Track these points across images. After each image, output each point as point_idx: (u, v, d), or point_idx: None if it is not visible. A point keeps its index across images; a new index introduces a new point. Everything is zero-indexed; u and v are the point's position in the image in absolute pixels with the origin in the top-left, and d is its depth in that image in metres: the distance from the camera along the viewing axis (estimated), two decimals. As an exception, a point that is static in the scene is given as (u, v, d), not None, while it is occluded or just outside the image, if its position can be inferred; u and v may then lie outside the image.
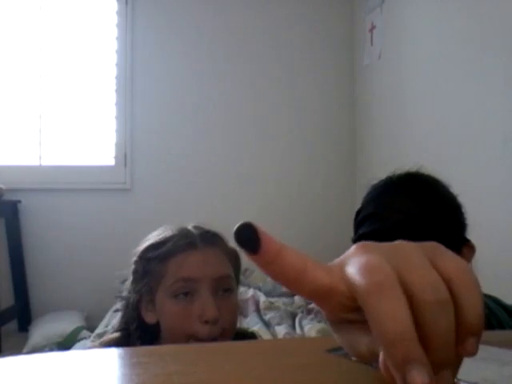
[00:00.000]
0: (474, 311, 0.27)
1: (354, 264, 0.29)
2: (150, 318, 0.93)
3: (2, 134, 2.94)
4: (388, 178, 0.97)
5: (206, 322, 0.87)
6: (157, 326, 0.93)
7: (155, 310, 0.92)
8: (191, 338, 0.88)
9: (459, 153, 2.19)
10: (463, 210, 0.93)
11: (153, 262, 0.93)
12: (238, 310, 0.95)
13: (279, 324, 2.35)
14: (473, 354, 0.28)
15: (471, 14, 2.16)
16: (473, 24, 2.14)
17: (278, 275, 0.30)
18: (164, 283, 0.91)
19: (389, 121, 2.86)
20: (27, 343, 2.49)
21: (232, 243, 0.96)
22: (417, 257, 0.28)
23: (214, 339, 0.87)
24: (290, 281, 0.30)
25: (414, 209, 0.89)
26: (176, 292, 0.89)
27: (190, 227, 0.98)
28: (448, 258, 0.29)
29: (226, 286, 0.92)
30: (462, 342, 0.28)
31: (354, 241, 0.95)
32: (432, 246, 0.30)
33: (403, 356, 0.25)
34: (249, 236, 0.28)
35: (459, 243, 0.90)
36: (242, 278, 3.28)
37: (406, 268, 0.28)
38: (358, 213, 0.97)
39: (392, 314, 0.26)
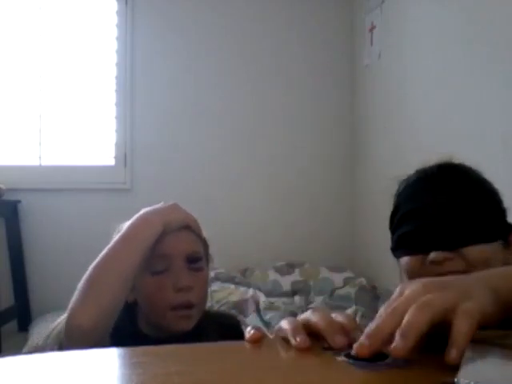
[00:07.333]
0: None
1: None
2: (129, 296, 0.99)
3: (2, 133, 2.94)
4: (420, 173, 0.94)
5: (180, 290, 0.96)
6: (134, 305, 1.01)
7: (134, 288, 0.99)
8: (167, 308, 0.96)
9: (459, 153, 2.19)
10: (500, 196, 0.91)
11: None
12: (207, 287, 1.06)
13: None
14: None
15: (471, 14, 2.15)
16: (473, 24, 2.13)
17: None
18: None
19: (389, 121, 2.86)
20: (27, 343, 2.48)
21: (205, 233, 1.07)
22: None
23: (188, 307, 0.96)
24: None
25: (455, 201, 0.87)
26: (153, 267, 0.98)
27: None
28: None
29: (197, 263, 1.01)
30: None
31: (396, 241, 0.91)
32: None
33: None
34: None
35: (505, 231, 0.88)
36: (241, 277, 3.25)
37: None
38: (394, 213, 0.94)
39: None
